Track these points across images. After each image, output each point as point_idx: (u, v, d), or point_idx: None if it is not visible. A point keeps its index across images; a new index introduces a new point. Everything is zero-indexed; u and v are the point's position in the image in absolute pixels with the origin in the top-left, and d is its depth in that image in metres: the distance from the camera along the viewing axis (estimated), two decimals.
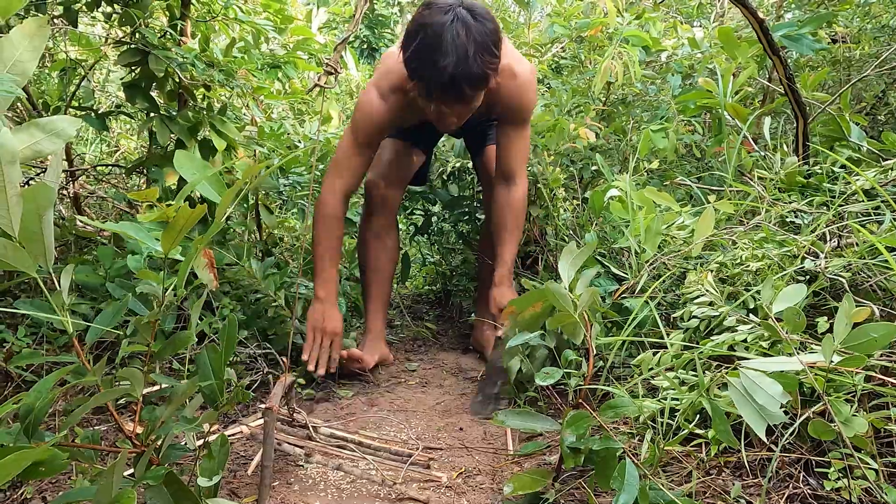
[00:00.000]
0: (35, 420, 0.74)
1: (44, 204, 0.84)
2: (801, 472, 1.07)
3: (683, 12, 3.47)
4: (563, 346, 1.61)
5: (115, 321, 0.93)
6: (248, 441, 1.41)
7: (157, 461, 0.92)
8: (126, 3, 1.68)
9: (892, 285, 1.19)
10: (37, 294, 1.68)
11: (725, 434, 0.84)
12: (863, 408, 1.04)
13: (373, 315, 1.90)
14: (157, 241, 0.93)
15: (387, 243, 1.92)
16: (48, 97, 2.33)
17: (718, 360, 1.23)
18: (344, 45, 1.18)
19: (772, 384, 0.74)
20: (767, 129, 1.92)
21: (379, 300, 1.92)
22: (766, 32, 1.62)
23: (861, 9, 2.52)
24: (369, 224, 1.91)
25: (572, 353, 1.35)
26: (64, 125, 0.88)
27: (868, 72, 2.02)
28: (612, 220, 1.81)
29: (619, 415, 1.05)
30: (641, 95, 2.62)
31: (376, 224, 1.90)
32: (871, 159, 1.75)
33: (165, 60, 1.62)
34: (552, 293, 1.10)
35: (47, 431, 0.84)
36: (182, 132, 1.73)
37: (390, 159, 1.90)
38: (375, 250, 1.91)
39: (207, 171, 1.13)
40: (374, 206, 1.90)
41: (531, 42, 2.72)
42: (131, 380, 0.88)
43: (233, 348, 0.96)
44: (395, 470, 1.28)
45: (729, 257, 1.37)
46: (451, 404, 1.67)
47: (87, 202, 2.51)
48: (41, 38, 0.85)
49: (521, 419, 1.20)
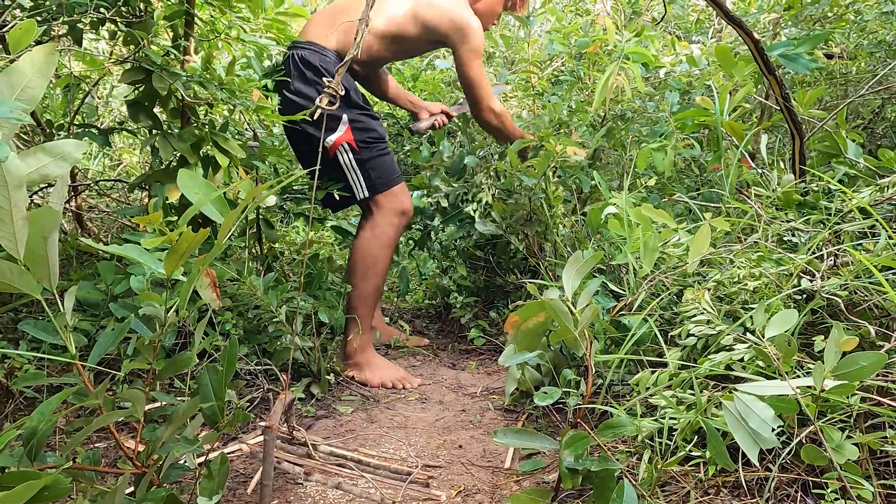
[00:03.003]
0: (38, 443, 0.75)
1: (49, 226, 0.85)
2: (798, 492, 1.07)
3: (682, 27, 3.51)
4: (563, 363, 1.62)
5: (117, 342, 0.94)
6: (248, 459, 1.41)
7: (157, 482, 0.93)
8: (129, 22, 1.70)
9: (888, 304, 1.20)
10: (40, 311, 1.69)
11: (721, 456, 0.85)
12: (859, 428, 1.05)
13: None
14: (159, 263, 0.94)
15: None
16: (51, 113, 2.35)
17: (716, 378, 1.23)
18: (345, 67, 1.20)
19: (764, 408, 0.75)
20: (764, 146, 1.94)
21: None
22: (762, 52, 1.64)
23: (857, 25, 2.55)
24: (398, 236, 2.00)
25: (571, 373, 1.36)
26: (70, 149, 0.89)
27: (864, 90, 2.04)
28: (609, 237, 1.82)
29: (617, 435, 1.05)
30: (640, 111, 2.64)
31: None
32: (867, 176, 1.77)
33: (169, 79, 1.64)
34: (553, 309, 1.11)
35: (48, 450, 0.85)
36: (185, 149, 1.75)
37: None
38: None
39: (210, 190, 1.14)
40: (405, 226, 2.04)
41: (531, 58, 2.75)
42: (133, 401, 0.89)
43: (233, 369, 0.97)
44: (395, 489, 1.29)
45: (726, 276, 1.38)
46: (450, 421, 1.67)
47: (90, 216, 2.52)
48: (50, 65, 0.87)
49: (520, 437, 1.20)
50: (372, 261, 1.92)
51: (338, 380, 1.89)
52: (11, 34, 0.92)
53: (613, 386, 1.48)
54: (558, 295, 1.19)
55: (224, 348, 0.99)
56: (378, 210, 1.94)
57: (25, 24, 0.89)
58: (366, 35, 1.89)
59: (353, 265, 1.94)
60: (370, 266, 1.92)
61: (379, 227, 1.92)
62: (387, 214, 1.93)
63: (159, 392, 1.01)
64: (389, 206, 1.93)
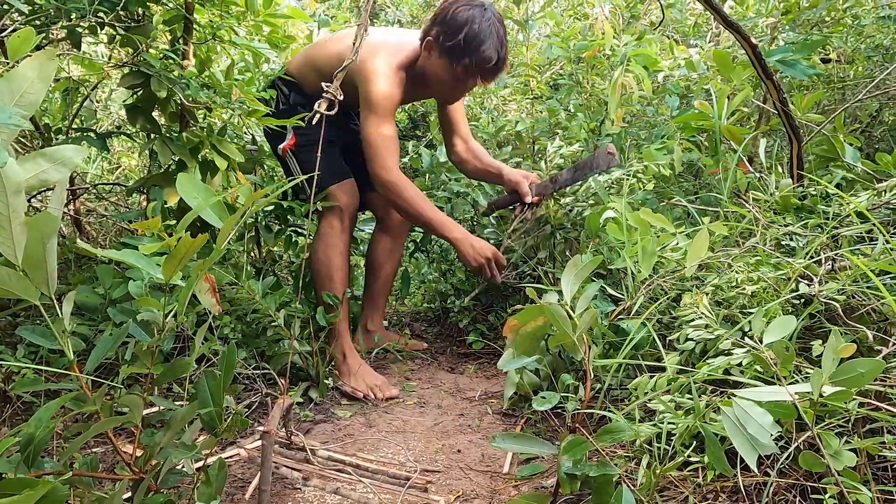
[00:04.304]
0: (35, 450, 0.75)
1: (47, 232, 0.85)
2: (796, 496, 1.07)
3: (680, 31, 3.51)
4: (561, 367, 1.62)
5: (115, 347, 0.94)
6: (246, 464, 1.41)
7: (155, 487, 0.93)
8: (128, 27, 1.70)
9: (885, 309, 1.20)
10: (38, 316, 1.68)
11: (719, 461, 0.85)
12: (857, 433, 1.05)
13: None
14: (158, 268, 0.94)
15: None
16: (50, 117, 2.35)
17: (714, 383, 1.23)
18: (343, 72, 1.20)
19: (763, 414, 0.75)
20: (763, 150, 1.95)
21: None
22: (760, 57, 1.65)
23: (854, 29, 2.55)
24: (343, 237, 1.97)
25: (570, 378, 1.36)
26: (70, 154, 0.90)
27: (862, 94, 2.05)
28: (608, 241, 1.83)
29: (616, 439, 1.05)
30: (640, 115, 2.65)
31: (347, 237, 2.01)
32: (865, 180, 1.77)
33: (167, 83, 1.64)
34: (551, 313, 1.11)
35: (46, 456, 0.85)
36: (183, 153, 1.75)
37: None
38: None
39: (209, 194, 1.14)
40: (347, 226, 1.99)
41: (529, 62, 2.75)
42: (131, 406, 0.88)
43: (231, 374, 0.96)
44: (393, 493, 1.29)
45: (725, 280, 1.38)
46: (449, 425, 1.67)
47: (88, 220, 2.52)
48: (49, 71, 0.87)
49: (519, 442, 1.20)
50: (324, 266, 1.92)
51: (335, 384, 1.88)
52: (10, 41, 0.92)
53: (612, 390, 1.48)
54: (557, 299, 1.19)
55: (222, 353, 0.99)
56: (321, 216, 1.96)
57: (24, 32, 0.90)
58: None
59: (312, 275, 1.96)
60: (323, 271, 1.92)
61: (322, 231, 1.94)
62: (326, 217, 1.94)
63: (157, 397, 1.01)
64: (327, 208, 1.93)
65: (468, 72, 1.80)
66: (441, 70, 1.83)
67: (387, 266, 2.19)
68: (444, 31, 1.77)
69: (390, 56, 1.83)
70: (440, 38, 1.78)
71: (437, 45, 1.80)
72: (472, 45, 1.75)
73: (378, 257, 2.19)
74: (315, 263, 1.93)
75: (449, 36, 1.76)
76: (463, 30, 1.74)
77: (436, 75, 1.85)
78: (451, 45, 1.76)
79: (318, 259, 1.93)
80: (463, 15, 1.75)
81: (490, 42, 1.75)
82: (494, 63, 1.78)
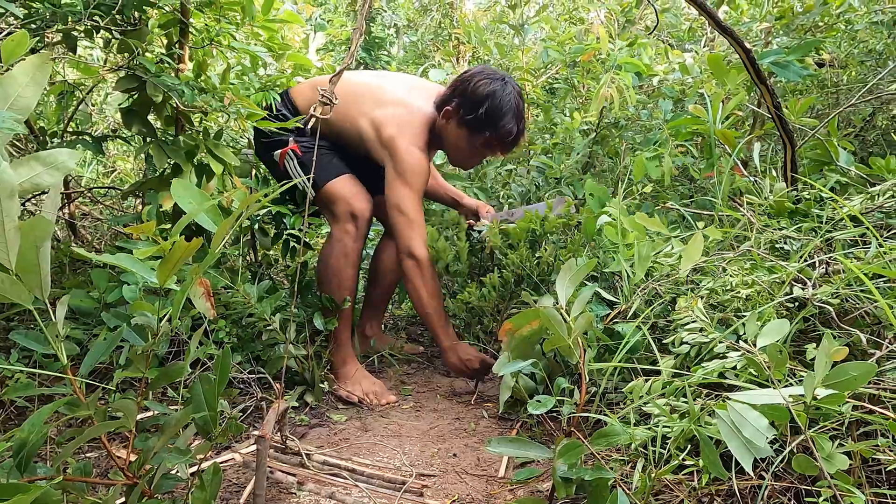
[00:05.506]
0: (28, 455, 0.74)
1: (41, 236, 0.85)
2: (791, 500, 1.07)
3: (675, 36, 3.53)
4: (556, 371, 1.62)
5: (109, 352, 0.94)
6: (241, 468, 1.41)
7: (149, 493, 0.92)
8: (124, 31, 1.70)
9: (879, 312, 1.21)
10: (32, 320, 1.68)
11: (714, 464, 0.85)
12: (851, 436, 1.05)
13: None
14: (152, 272, 0.94)
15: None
16: (45, 120, 2.35)
17: (709, 386, 1.24)
18: (339, 76, 1.21)
19: (758, 417, 0.75)
20: (757, 154, 1.96)
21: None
22: (753, 62, 1.65)
23: (847, 34, 2.57)
24: (356, 244, 1.95)
25: (565, 381, 1.36)
26: (64, 158, 0.89)
27: (855, 99, 2.06)
28: (603, 245, 1.83)
29: (611, 443, 1.05)
30: (634, 119, 2.66)
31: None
32: (859, 184, 1.78)
33: (163, 87, 1.64)
34: (546, 317, 1.11)
35: (39, 461, 0.85)
36: (179, 156, 1.75)
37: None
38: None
39: (204, 199, 1.14)
40: (362, 232, 1.96)
41: (525, 66, 2.76)
42: (125, 411, 0.88)
43: (226, 379, 0.96)
44: (389, 498, 1.28)
45: (719, 283, 1.39)
46: (444, 429, 1.67)
47: (83, 224, 2.51)
48: (43, 74, 0.87)
49: (514, 446, 1.20)
50: (335, 276, 1.89)
51: (331, 388, 1.88)
52: (4, 45, 0.92)
53: (607, 394, 1.48)
54: (552, 303, 1.19)
55: (217, 357, 0.99)
56: (333, 221, 1.93)
57: (17, 35, 0.89)
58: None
59: (319, 280, 1.93)
60: (333, 278, 1.89)
61: (335, 236, 1.90)
62: (340, 223, 1.90)
63: (152, 401, 1.00)
64: (339, 212, 1.90)
65: (487, 143, 1.88)
66: (459, 140, 1.89)
67: (391, 275, 2.18)
68: (465, 103, 1.84)
69: (417, 134, 1.86)
70: (460, 110, 1.85)
71: (457, 116, 1.86)
72: (493, 118, 1.82)
73: (383, 265, 2.18)
74: (325, 269, 1.89)
75: (469, 109, 1.83)
76: (484, 104, 1.81)
77: (454, 143, 1.91)
78: (471, 119, 1.83)
79: (328, 265, 1.89)
80: (484, 89, 1.81)
81: (510, 116, 1.82)
82: (513, 137, 1.86)
